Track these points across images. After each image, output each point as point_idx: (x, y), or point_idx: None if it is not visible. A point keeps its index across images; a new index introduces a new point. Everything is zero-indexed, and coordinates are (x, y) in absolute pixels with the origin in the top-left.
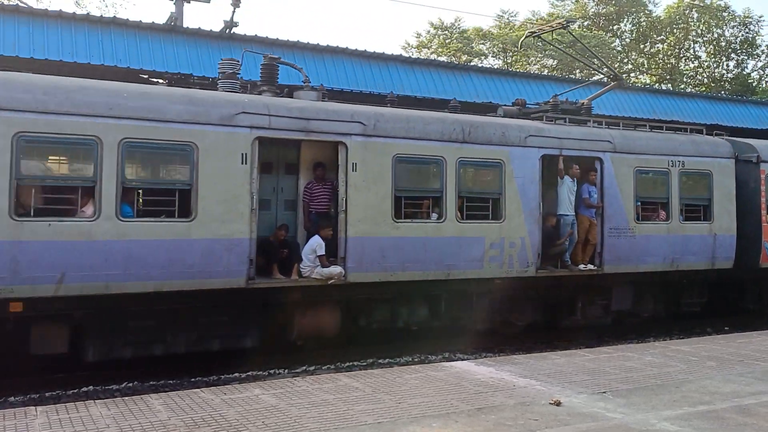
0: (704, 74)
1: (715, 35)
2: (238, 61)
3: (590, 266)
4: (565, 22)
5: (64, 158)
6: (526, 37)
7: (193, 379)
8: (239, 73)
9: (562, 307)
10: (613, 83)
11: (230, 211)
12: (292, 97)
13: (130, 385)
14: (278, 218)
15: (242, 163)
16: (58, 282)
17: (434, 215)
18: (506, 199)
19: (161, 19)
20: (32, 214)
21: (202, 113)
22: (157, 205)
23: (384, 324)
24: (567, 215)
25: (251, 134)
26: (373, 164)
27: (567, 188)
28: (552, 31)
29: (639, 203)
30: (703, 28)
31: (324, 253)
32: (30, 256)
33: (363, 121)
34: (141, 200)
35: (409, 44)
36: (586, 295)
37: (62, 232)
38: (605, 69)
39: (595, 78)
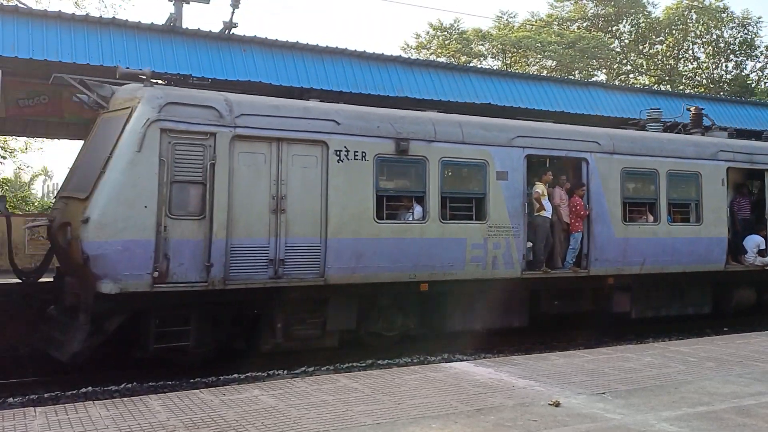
0: (703, 75)
1: (714, 36)
2: (660, 110)
3: None
4: None
5: (642, 184)
6: None
7: (192, 380)
8: (661, 118)
9: None
10: None
11: (716, 219)
12: (690, 134)
13: (129, 385)
14: None
15: (721, 185)
16: (641, 264)
17: None
18: None
19: (160, 19)
20: (627, 220)
21: (702, 152)
22: (682, 214)
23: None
24: None
25: (725, 165)
26: None
27: None
28: None
29: None
30: (702, 29)
31: (765, 248)
32: (631, 248)
33: None
34: (673, 211)
35: (408, 45)
36: None
37: (643, 231)
38: None
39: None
